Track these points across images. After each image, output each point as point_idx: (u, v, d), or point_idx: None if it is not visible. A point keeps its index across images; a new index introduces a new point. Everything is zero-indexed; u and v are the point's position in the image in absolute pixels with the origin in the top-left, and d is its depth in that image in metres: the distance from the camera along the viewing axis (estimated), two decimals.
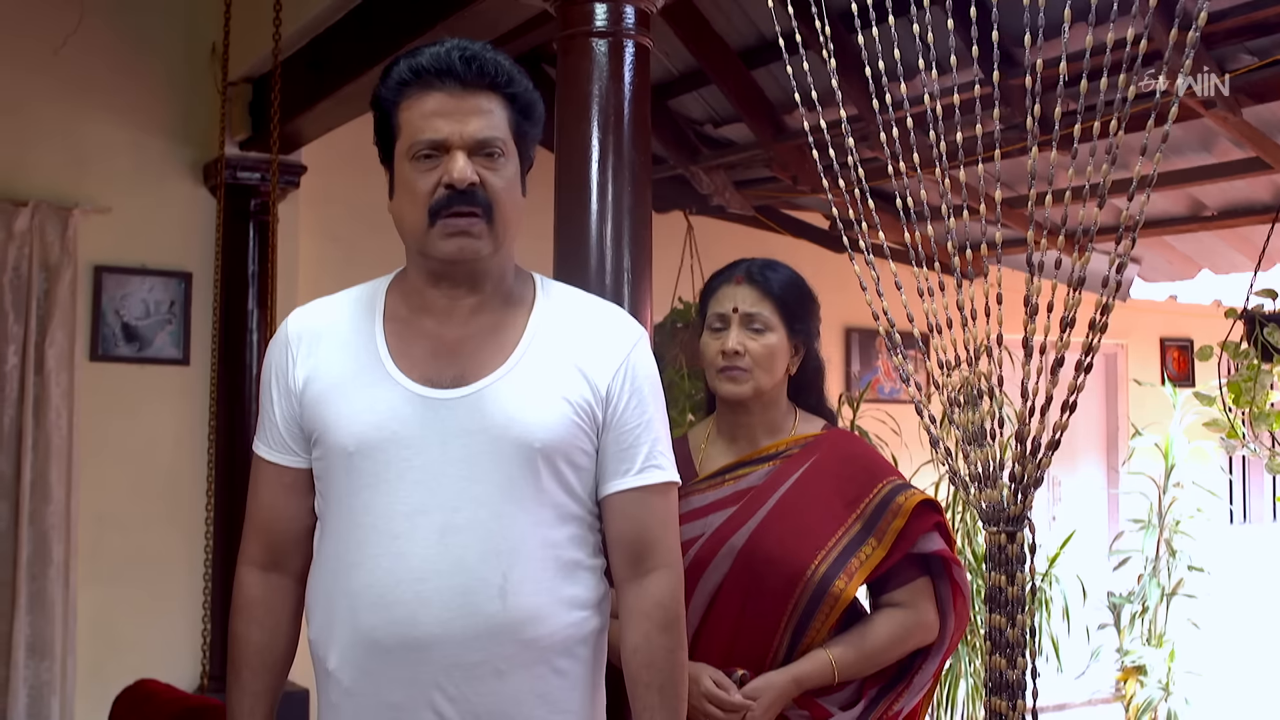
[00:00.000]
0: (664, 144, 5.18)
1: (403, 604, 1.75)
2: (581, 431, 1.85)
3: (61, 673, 4.72)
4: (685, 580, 2.07)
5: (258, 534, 1.93)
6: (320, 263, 5.46)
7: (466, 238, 1.78)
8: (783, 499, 2.29)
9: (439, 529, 1.76)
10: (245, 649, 1.90)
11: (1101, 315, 1.62)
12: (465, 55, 1.78)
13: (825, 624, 2.24)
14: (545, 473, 1.81)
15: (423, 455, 1.78)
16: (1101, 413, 8.43)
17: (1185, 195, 4.89)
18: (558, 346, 1.88)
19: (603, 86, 2.72)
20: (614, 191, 2.71)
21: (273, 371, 1.91)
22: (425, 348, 1.85)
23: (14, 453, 4.68)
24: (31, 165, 4.82)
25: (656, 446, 1.92)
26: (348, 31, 4.09)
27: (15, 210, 4.71)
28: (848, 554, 2.24)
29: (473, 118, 1.78)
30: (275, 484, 1.92)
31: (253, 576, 1.93)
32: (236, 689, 1.90)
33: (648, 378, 1.94)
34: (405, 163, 1.79)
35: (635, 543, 1.89)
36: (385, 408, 1.80)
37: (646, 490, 1.90)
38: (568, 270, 2.74)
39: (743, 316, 2.34)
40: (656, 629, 1.87)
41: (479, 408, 1.80)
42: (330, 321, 1.91)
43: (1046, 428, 1.63)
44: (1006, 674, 1.66)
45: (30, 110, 4.83)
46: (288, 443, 1.90)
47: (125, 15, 5.01)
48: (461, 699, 1.75)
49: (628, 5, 2.73)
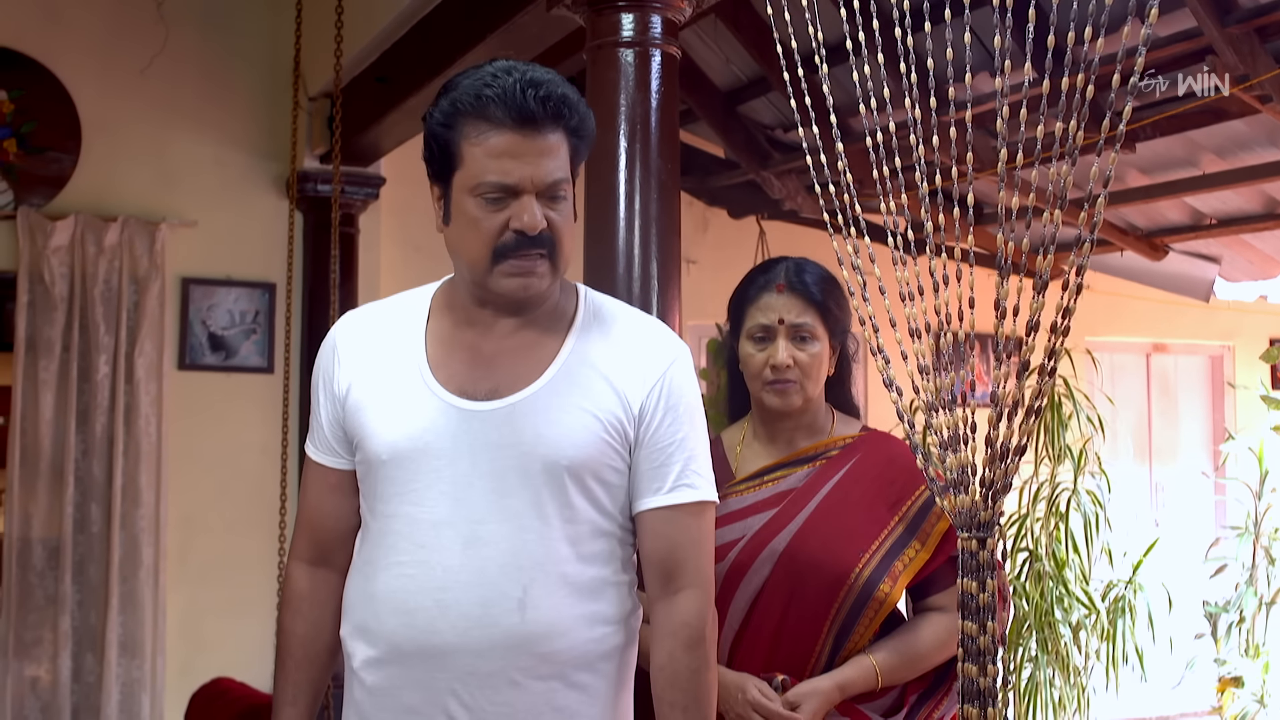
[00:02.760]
0: (735, 149, 5.19)
1: (424, 611, 1.78)
2: (611, 449, 1.84)
3: (151, 671, 4.89)
4: (725, 583, 2.13)
5: (306, 531, 1.99)
6: (403, 272, 5.56)
7: (532, 277, 1.79)
8: (824, 501, 2.26)
9: (463, 540, 1.78)
10: (290, 641, 1.96)
11: (1063, 318, 1.59)
12: (539, 94, 1.75)
13: (869, 628, 2.21)
14: (573, 489, 1.81)
15: (453, 467, 1.80)
16: (1207, 416, 8.21)
17: (1259, 192, 4.76)
18: (594, 363, 1.87)
19: (629, 96, 2.75)
20: (641, 200, 2.74)
21: (320, 375, 1.96)
22: (464, 359, 1.86)
23: (106, 458, 4.87)
24: (120, 182, 5.01)
25: (690, 465, 1.89)
26: (411, 46, 4.19)
27: (106, 225, 4.91)
28: (891, 557, 2.21)
29: (543, 160, 1.77)
30: (321, 484, 1.97)
31: (300, 571, 1.98)
32: (281, 679, 1.96)
33: (684, 396, 1.91)
34: (468, 197, 1.78)
35: (665, 561, 1.88)
36: (420, 418, 1.82)
37: (678, 509, 1.88)
38: (597, 278, 2.78)
39: (789, 328, 2.28)
40: (681, 648, 1.86)
41: (509, 422, 1.81)
42: (377, 328, 1.94)
43: (1014, 432, 1.61)
44: (978, 681, 1.65)
45: (119, 129, 5.02)
46: (332, 445, 1.94)
47: (209, 35, 5.18)
48: (476, 707, 1.78)
49: (655, 15, 2.76)
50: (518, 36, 3.46)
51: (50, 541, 4.86)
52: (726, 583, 2.22)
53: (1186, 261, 5.75)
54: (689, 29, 4.79)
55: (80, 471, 4.87)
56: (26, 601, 4.82)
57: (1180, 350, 7.87)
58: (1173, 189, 4.70)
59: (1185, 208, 5.18)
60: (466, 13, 3.67)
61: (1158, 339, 7.68)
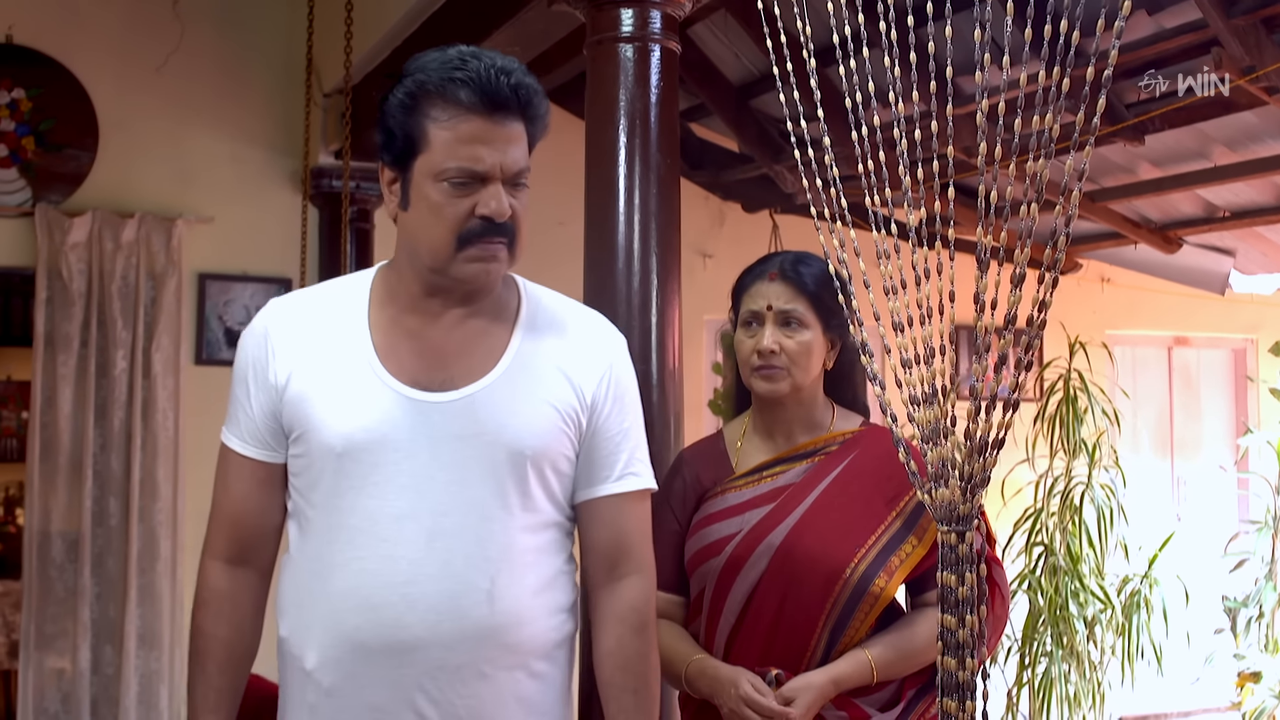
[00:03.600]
0: (747, 143, 5.19)
1: (389, 606, 1.75)
2: (566, 438, 1.86)
3: (169, 662, 4.94)
4: (720, 578, 2.13)
5: (226, 528, 1.88)
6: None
7: (493, 263, 1.79)
8: (821, 496, 2.24)
9: (427, 533, 1.76)
10: (211, 644, 1.86)
11: (1040, 312, 1.59)
12: (510, 82, 1.75)
13: (864, 623, 2.19)
14: (533, 478, 1.82)
15: (412, 459, 1.78)
16: (1230, 410, 8.15)
17: (1271, 184, 4.73)
18: (544, 354, 1.88)
19: (629, 91, 2.75)
20: (641, 195, 2.74)
21: (249, 364, 1.87)
22: (412, 349, 1.84)
23: (124, 453, 4.92)
24: (137, 178, 5.06)
25: (636, 454, 1.94)
26: (421, 42, 4.20)
27: (123, 222, 4.96)
28: (888, 552, 2.19)
29: (510, 147, 1.76)
30: (249, 479, 1.87)
31: (218, 570, 1.88)
32: (201, 684, 1.86)
33: (629, 386, 1.96)
34: (432, 182, 1.75)
35: (612, 548, 1.91)
36: (375, 409, 1.79)
37: (625, 497, 1.91)
38: (597, 273, 2.79)
39: (777, 314, 2.28)
40: (630, 632, 1.89)
41: (470, 413, 1.80)
42: (313, 316, 1.88)
43: (993, 426, 1.61)
44: (956, 675, 1.65)
45: (136, 126, 5.07)
46: (264, 437, 1.85)
47: (224, 33, 5.22)
48: (444, 701, 1.76)
49: (654, 10, 2.76)
50: (524, 31, 3.47)
51: (69, 535, 4.91)
52: (722, 577, 2.22)
53: (1201, 254, 5.71)
54: (701, 24, 4.80)
55: (99, 466, 4.92)
56: (47, 594, 4.88)
57: (1202, 344, 7.81)
58: (1184, 181, 4.68)
59: (1198, 200, 5.15)
60: (473, 9, 3.68)
61: (1180, 332, 7.63)
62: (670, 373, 2.77)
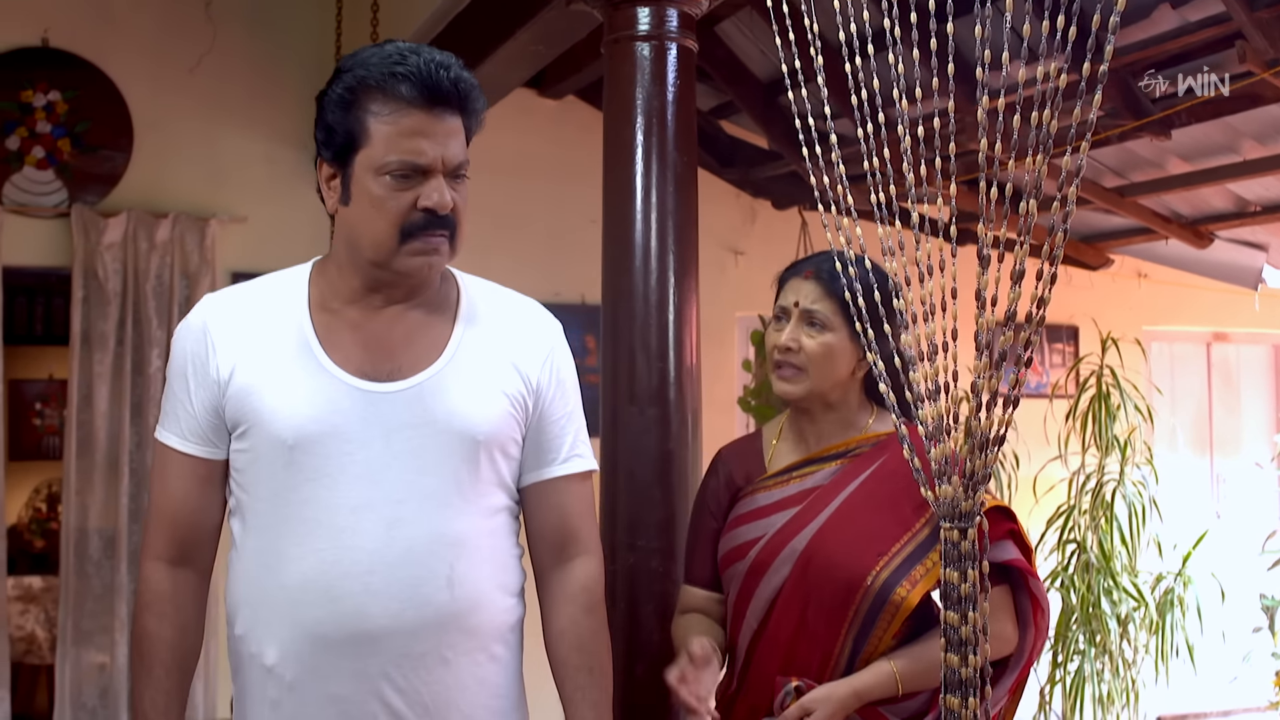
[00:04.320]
0: (776, 141, 5.18)
1: (351, 597, 1.75)
2: (515, 423, 1.89)
3: (204, 657, 4.98)
4: (744, 582, 2.13)
5: (166, 528, 1.86)
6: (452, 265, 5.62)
7: (436, 256, 1.80)
8: (847, 500, 2.17)
9: (386, 522, 1.77)
10: (157, 646, 1.84)
11: (1038, 308, 1.58)
12: (449, 76, 1.76)
13: (887, 633, 2.12)
14: (485, 464, 1.85)
15: (366, 449, 1.78)
16: (1271, 406, 8.05)
17: None
18: (488, 342, 1.91)
19: (646, 89, 2.77)
20: (658, 193, 2.76)
21: (188, 360, 1.85)
22: (356, 340, 1.85)
23: None
24: (171, 179, 5.12)
25: (579, 436, 1.98)
26: (446, 43, 4.23)
27: (157, 221, 5.01)
28: (913, 560, 2.10)
29: (450, 140, 1.78)
30: (189, 476, 1.85)
31: (160, 571, 1.86)
32: (150, 688, 1.83)
33: (570, 370, 1.99)
34: (373, 176, 1.77)
35: (559, 530, 1.95)
36: (324, 400, 1.79)
37: (571, 479, 1.96)
38: (615, 270, 2.80)
39: (802, 312, 2.22)
40: (582, 612, 1.94)
41: (419, 401, 1.82)
42: (251, 310, 1.87)
43: (994, 423, 1.61)
44: (960, 671, 1.65)
45: (169, 127, 5.12)
46: (206, 434, 1.84)
47: (256, 33, 5.26)
48: (410, 689, 1.78)
49: (670, 8, 2.77)
50: (546, 31, 3.49)
51: (106, 532, 4.97)
52: (746, 582, 2.19)
53: (1233, 249, 5.65)
54: (728, 21, 4.80)
55: (134, 463, 4.98)
56: (84, 590, 4.95)
57: (1242, 339, 7.73)
58: (1213, 176, 4.63)
59: (1228, 195, 5.10)
60: (495, 9, 3.71)
61: (1219, 328, 7.55)
62: (688, 370, 2.78)
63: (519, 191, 5.69)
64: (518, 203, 5.67)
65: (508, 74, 4.06)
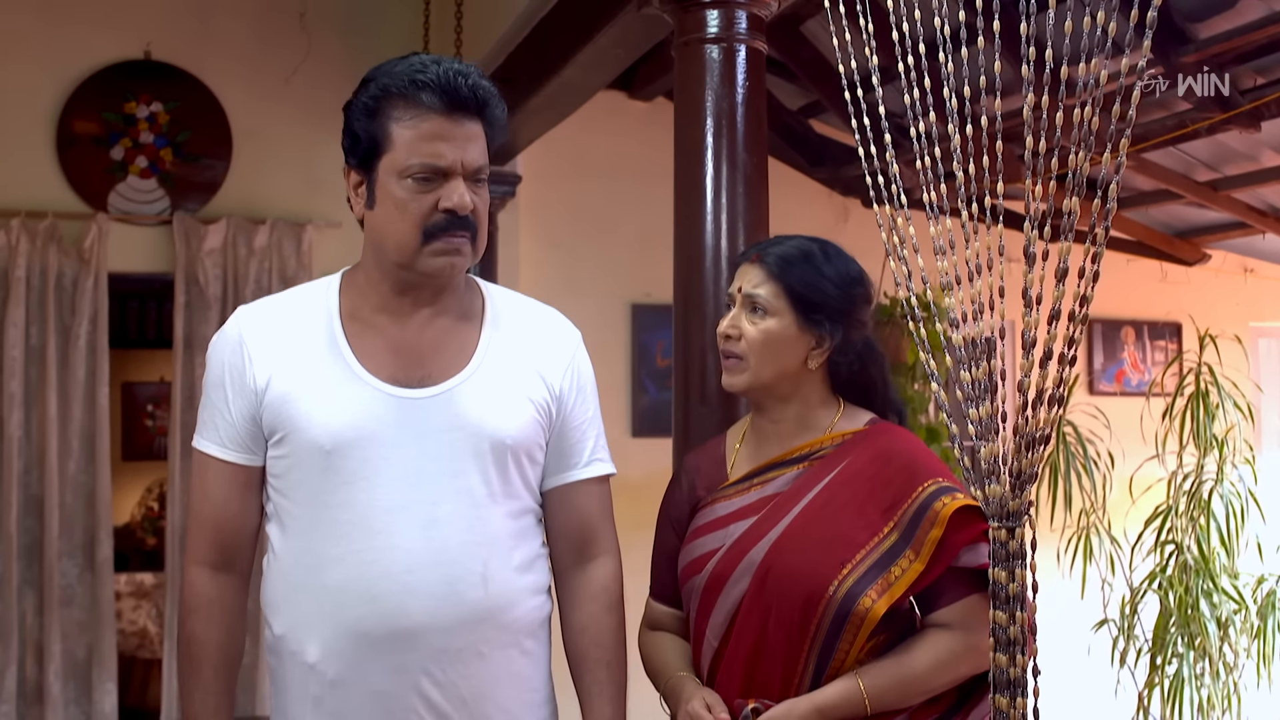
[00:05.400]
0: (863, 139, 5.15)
1: (390, 596, 1.82)
2: (540, 429, 1.97)
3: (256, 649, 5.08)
4: (703, 597, 2.05)
5: (208, 533, 1.93)
6: (543, 267, 5.70)
7: (457, 256, 1.86)
8: (809, 506, 2.00)
9: (421, 523, 1.84)
10: (205, 649, 1.91)
11: (1081, 306, 1.57)
12: (468, 83, 1.84)
13: (854, 648, 1.94)
14: (513, 468, 1.92)
15: (401, 452, 1.85)
16: None
17: None
18: (514, 349, 1.98)
19: (715, 91, 2.78)
20: (728, 194, 2.78)
21: (225, 370, 1.92)
22: (386, 348, 1.91)
23: None
24: (269, 186, 5.25)
25: (600, 441, 2.07)
26: (530, 48, 4.28)
27: (255, 228, 5.15)
28: (880, 568, 1.93)
29: (470, 144, 1.85)
30: (229, 483, 1.92)
31: (204, 576, 1.93)
32: (199, 689, 1.90)
33: (590, 377, 2.08)
34: (396, 179, 1.84)
35: (581, 531, 2.03)
36: (360, 407, 1.86)
37: (592, 482, 2.04)
38: (686, 272, 2.83)
39: (745, 298, 2.08)
40: (602, 610, 2.02)
41: (451, 407, 1.89)
42: (284, 321, 1.94)
43: (1040, 420, 1.60)
44: (1008, 671, 1.65)
45: (266, 135, 5.26)
46: (245, 442, 1.91)
47: (349, 42, 5.37)
48: (447, 683, 1.85)
49: (740, 10, 2.78)
50: (624, 35, 3.52)
51: None
52: (705, 596, 2.04)
53: None
54: (814, 20, 4.79)
55: None
56: None
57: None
58: None
59: None
60: (576, 15, 3.75)
61: None
62: None
63: (610, 193, 5.75)
64: (609, 204, 5.72)
65: (590, 78, 4.10)
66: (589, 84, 4.21)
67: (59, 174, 5.04)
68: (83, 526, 5.00)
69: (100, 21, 5.11)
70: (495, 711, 1.90)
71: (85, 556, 5.00)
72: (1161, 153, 4.36)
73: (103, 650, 4.98)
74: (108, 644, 5.00)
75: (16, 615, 4.87)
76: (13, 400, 4.86)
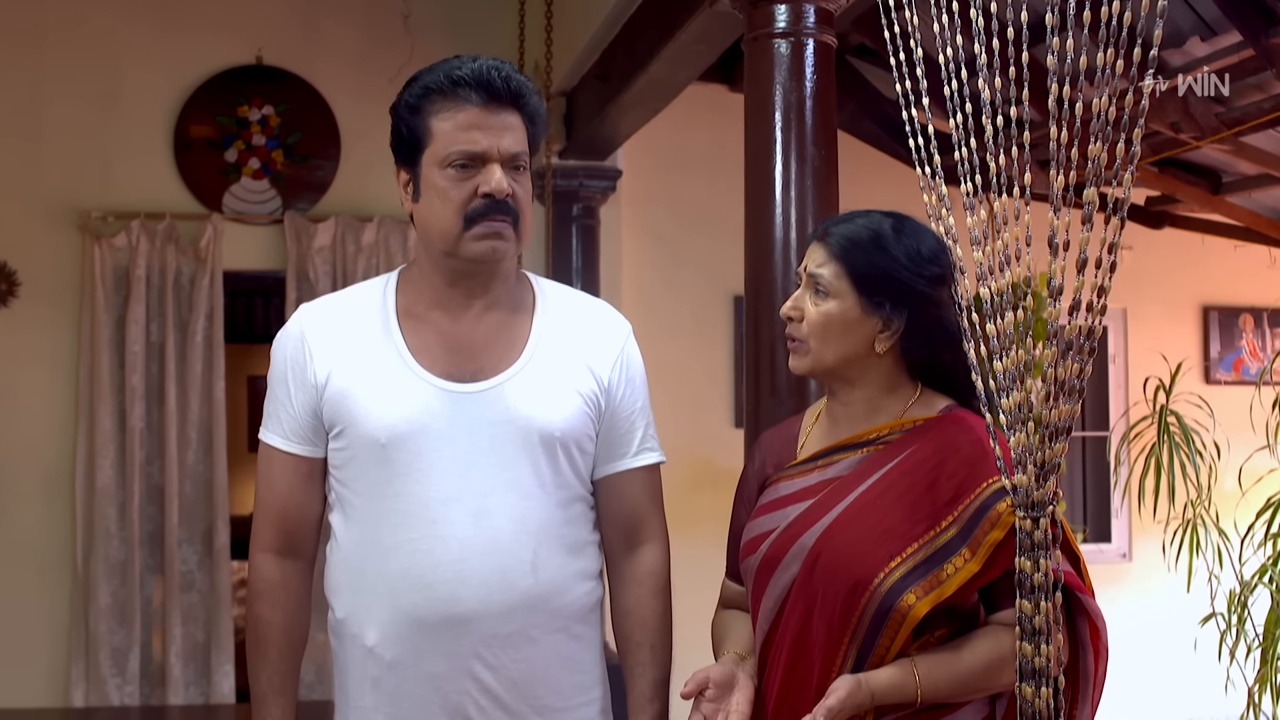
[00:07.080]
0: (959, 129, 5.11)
1: (444, 583, 1.89)
2: (589, 420, 2.02)
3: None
4: (756, 580, 2.00)
5: (273, 521, 2.01)
6: (645, 261, 5.76)
7: (499, 240, 1.92)
8: (865, 493, 1.89)
9: (473, 513, 1.91)
10: (271, 631, 1.99)
11: (1099, 297, 1.58)
12: (502, 75, 1.91)
13: (894, 645, 1.82)
14: (562, 459, 1.98)
15: (453, 445, 1.92)
16: None
17: None
18: (563, 343, 2.04)
19: (784, 86, 2.82)
20: (798, 189, 2.82)
21: (288, 365, 2.01)
22: (440, 344, 1.98)
23: None
24: (375, 184, 5.39)
25: (649, 430, 2.11)
26: (621, 44, 4.36)
27: (363, 225, 5.32)
28: (931, 565, 1.81)
29: (506, 133, 1.91)
30: (293, 473, 2.00)
31: (270, 562, 2.01)
32: (266, 669, 1.99)
33: (639, 368, 2.12)
34: (437, 170, 1.92)
35: (631, 518, 2.08)
36: (415, 401, 1.93)
37: (641, 471, 2.09)
38: (756, 265, 2.87)
39: (809, 278, 1.95)
40: (648, 594, 2.08)
41: (501, 401, 1.95)
42: (343, 318, 2.02)
43: (1062, 414, 1.62)
44: (1033, 661, 1.66)
45: (373, 135, 5.32)
46: (306, 434, 1.99)
47: (453, 42, 5.43)
48: (500, 666, 1.92)
49: (808, 5, 2.81)
50: (703, 31, 3.57)
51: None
52: (758, 578, 1.96)
53: None
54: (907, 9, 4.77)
55: None
56: None
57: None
58: None
59: None
60: (658, 14, 3.81)
61: None
62: None
63: (712, 185, 5.76)
64: (711, 197, 5.74)
65: (677, 73, 4.16)
66: (677, 79, 4.26)
67: (176, 176, 5.27)
68: (202, 515, 5.22)
69: (214, 29, 5.32)
70: (545, 693, 1.97)
71: (204, 544, 5.22)
72: (1262, 136, 4.25)
73: (221, 634, 5.19)
74: (225, 628, 5.21)
75: (140, 600, 5.11)
76: (134, 394, 5.10)
